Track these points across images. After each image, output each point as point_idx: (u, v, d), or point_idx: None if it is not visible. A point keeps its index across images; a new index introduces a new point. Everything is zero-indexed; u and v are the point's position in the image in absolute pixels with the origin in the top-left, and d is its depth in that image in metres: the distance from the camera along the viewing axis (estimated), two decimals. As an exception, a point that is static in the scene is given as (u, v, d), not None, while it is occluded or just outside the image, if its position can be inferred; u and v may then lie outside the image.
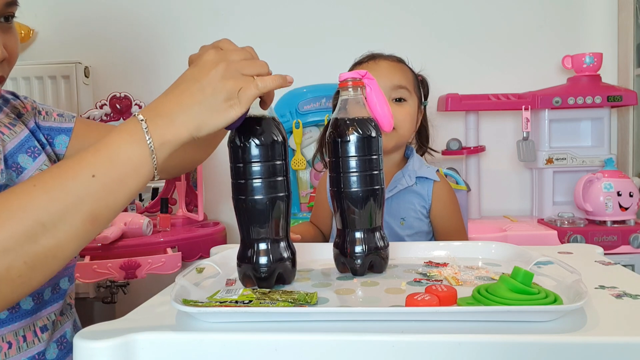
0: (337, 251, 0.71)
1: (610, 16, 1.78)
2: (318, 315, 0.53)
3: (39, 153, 0.80)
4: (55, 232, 0.50)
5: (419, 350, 0.47)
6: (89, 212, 0.52)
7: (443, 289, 0.56)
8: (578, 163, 1.67)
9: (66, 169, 0.52)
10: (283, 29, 1.82)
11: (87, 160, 0.52)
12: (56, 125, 0.85)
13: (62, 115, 0.87)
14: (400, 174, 1.06)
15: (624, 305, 0.55)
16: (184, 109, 0.56)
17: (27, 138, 0.80)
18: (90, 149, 0.54)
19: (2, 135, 0.77)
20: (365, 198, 0.68)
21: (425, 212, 1.06)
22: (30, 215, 0.49)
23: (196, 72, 0.57)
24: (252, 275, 0.64)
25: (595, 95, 1.60)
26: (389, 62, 1.07)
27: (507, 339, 0.47)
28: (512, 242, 0.82)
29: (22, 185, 0.51)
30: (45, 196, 0.50)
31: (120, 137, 0.54)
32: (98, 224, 0.53)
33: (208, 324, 0.53)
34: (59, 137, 0.85)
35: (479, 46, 1.81)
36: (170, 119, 0.55)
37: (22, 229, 0.49)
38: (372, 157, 0.69)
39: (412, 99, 1.06)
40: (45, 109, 0.86)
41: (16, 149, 0.78)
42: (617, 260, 0.75)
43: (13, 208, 0.49)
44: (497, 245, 0.79)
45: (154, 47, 1.85)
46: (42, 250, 0.50)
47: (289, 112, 1.67)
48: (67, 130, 0.85)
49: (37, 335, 0.71)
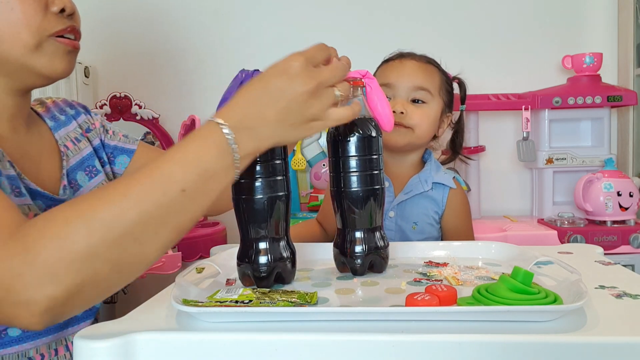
0: (337, 251, 0.71)
1: (610, 16, 1.78)
2: (318, 315, 0.53)
3: (97, 173, 0.82)
4: (143, 242, 0.51)
5: (419, 350, 0.47)
6: (175, 224, 0.53)
7: (443, 288, 0.56)
8: (578, 163, 1.67)
9: (156, 181, 0.51)
10: (283, 28, 1.82)
11: (177, 174, 0.52)
12: (120, 145, 0.88)
13: (127, 136, 0.90)
14: (417, 178, 1.06)
15: (624, 305, 0.55)
16: (267, 124, 0.55)
17: (89, 156, 0.82)
18: (176, 159, 0.53)
19: (67, 150, 0.80)
20: (365, 198, 0.68)
21: (437, 217, 1.06)
22: (120, 226, 0.49)
23: (284, 85, 0.55)
24: (251, 274, 0.64)
25: (595, 95, 1.60)
26: (415, 63, 1.06)
27: (507, 338, 0.47)
28: (512, 242, 0.82)
29: (112, 192, 0.51)
30: (137, 209, 0.50)
31: (207, 150, 0.53)
32: (182, 233, 0.54)
33: (208, 324, 0.53)
34: (120, 156, 0.87)
35: (478, 46, 1.81)
36: (255, 132, 0.55)
37: (112, 237, 0.49)
38: (372, 157, 0.69)
39: (434, 101, 1.05)
40: (112, 129, 0.89)
41: (76, 166, 0.80)
42: (617, 260, 0.75)
43: (103, 217, 0.49)
44: (497, 245, 0.79)
45: (154, 47, 1.85)
46: (129, 258, 0.51)
47: (289, 112, 1.67)
48: (130, 151, 0.88)
49: (68, 350, 0.72)
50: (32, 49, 0.66)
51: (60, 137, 0.80)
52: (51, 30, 0.67)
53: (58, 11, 0.68)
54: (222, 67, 1.82)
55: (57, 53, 0.68)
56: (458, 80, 1.13)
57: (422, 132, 1.04)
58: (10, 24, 0.64)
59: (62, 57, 0.69)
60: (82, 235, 0.48)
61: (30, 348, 0.67)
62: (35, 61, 0.67)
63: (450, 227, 1.07)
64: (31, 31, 0.65)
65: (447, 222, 1.07)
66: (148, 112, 1.72)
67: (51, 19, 0.67)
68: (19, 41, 0.65)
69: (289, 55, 0.57)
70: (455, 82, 1.13)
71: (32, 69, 0.68)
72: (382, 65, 1.11)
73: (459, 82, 1.14)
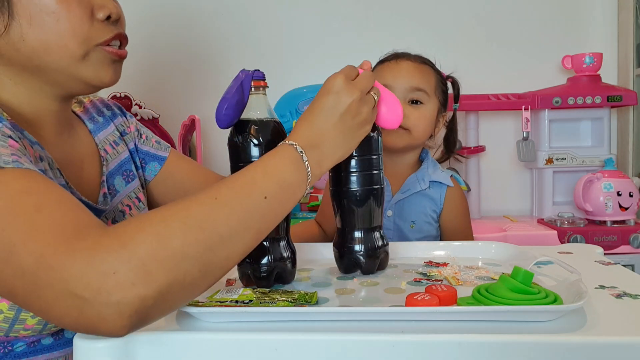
0: (337, 250, 0.71)
1: (610, 16, 1.78)
2: (318, 315, 0.53)
3: (133, 178, 0.82)
4: (229, 244, 0.52)
5: (419, 350, 0.47)
6: (257, 229, 0.55)
7: (443, 288, 0.56)
8: (578, 163, 1.67)
9: (241, 186, 0.55)
10: (283, 28, 1.82)
11: (260, 182, 0.56)
12: (153, 152, 0.87)
13: (160, 143, 0.90)
14: (414, 177, 1.06)
15: (623, 305, 0.55)
16: (330, 140, 0.62)
17: (126, 160, 0.82)
18: (258, 170, 0.57)
19: (106, 154, 0.79)
20: (364, 197, 0.68)
21: (435, 216, 1.07)
22: (212, 227, 0.51)
23: (335, 102, 0.63)
24: (251, 274, 0.64)
25: (595, 95, 1.60)
26: (411, 63, 1.06)
27: (507, 338, 0.47)
28: (512, 242, 0.82)
29: (204, 195, 0.53)
30: (226, 210, 0.52)
31: (284, 163, 0.59)
32: (259, 240, 0.56)
33: (208, 324, 0.53)
34: (151, 163, 0.87)
35: (478, 46, 1.80)
36: (321, 150, 0.62)
37: (203, 238, 0.50)
38: (371, 157, 0.69)
39: (430, 102, 1.05)
40: (145, 134, 0.89)
41: (115, 170, 0.80)
42: (617, 260, 0.75)
43: (197, 217, 0.51)
44: (497, 245, 0.79)
45: (154, 47, 1.85)
46: (216, 260, 0.51)
47: (289, 112, 1.67)
48: (162, 159, 0.88)
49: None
50: (79, 59, 0.65)
51: (100, 140, 0.79)
52: (98, 39, 0.66)
53: (104, 18, 0.66)
54: (222, 67, 1.82)
55: (104, 62, 0.67)
56: (452, 80, 1.14)
57: (420, 133, 1.05)
58: (58, 35, 0.63)
59: (108, 67, 0.68)
60: (178, 234, 0.49)
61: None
62: (82, 71, 0.66)
63: (448, 226, 1.07)
64: (78, 41, 0.64)
65: (446, 221, 1.07)
66: (148, 112, 1.72)
67: (98, 28, 0.66)
68: (66, 51, 0.64)
69: (329, 77, 0.65)
70: (448, 81, 1.13)
71: (79, 79, 0.66)
72: (378, 66, 1.11)
73: (453, 81, 1.14)
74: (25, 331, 0.62)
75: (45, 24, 0.62)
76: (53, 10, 0.62)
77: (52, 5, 0.62)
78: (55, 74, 0.65)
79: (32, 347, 0.64)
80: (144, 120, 1.73)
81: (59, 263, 0.46)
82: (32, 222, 0.48)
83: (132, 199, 0.81)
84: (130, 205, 0.80)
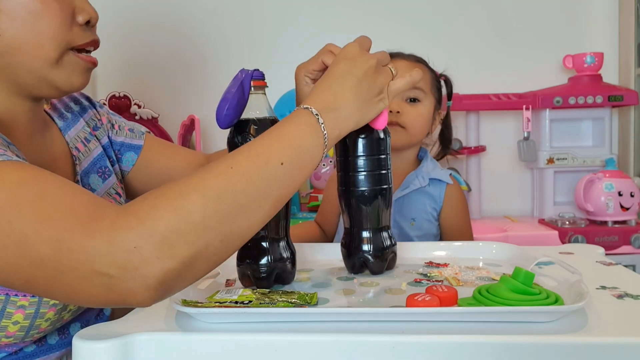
0: (345, 250, 0.71)
1: (611, 16, 1.78)
2: (318, 316, 0.53)
3: (109, 174, 0.79)
4: (249, 214, 0.52)
5: (419, 350, 0.47)
6: (276, 197, 0.54)
7: (444, 289, 0.56)
8: (579, 163, 1.67)
9: (257, 154, 0.54)
10: (283, 28, 1.82)
11: (276, 148, 0.55)
12: (127, 142, 0.84)
13: (133, 130, 0.86)
14: (414, 175, 1.07)
15: (625, 305, 0.55)
16: (346, 103, 0.60)
17: (100, 157, 0.79)
18: (272, 136, 0.56)
19: (78, 153, 0.76)
20: (373, 197, 0.68)
21: (435, 214, 1.07)
22: (231, 197, 0.50)
23: (351, 67, 0.61)
24: (250, 275, 0.64)
25: (596, 95, 1.60)
26: (406, 62, 1.07)
27: (508, 339, 0.47)
28: (512, 243, 0.82)
29: (219, 166, 0.52)
30: (244, 179, 0.52)
31: (299, 128, 0.57)
32: (279, 208, 0.56)
33: (208, 325, 0.53)
34: (127, 153, 0.84)
35: (479, 46, 1.80)
36: (338, 113, 0.60)
37: (223, 209, 0.50)
38: (380, 157, 0.69)
39: (427, 100, 1.06)
40: (117, 123, 0.85)
41: (89, 169, 0.77)
42: (618, 260, 0.75)
43: (215, 188, 0.50)
44: (497, 246, 0.78)
45: (153, 46, 1.85)
46: (237, 230, 0.51)
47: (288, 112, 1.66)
48: (137, 147, 0.85)
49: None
50: (52, 62, 0.62)
51: (71, 139, 0.76)
52: (74, 43, 0.64)
53: (84, 22, 0.64)
54: (222, 67, 1.82)
55: (76, 69, 0.65)
56: (444, 78, 1.14)
57: (418, 131, 1.06)
58: (36, 35, 0.61)
59: (80, 73, 0.66)
60: (197, 206, 0.49)
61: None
62: (53, 75, 0.63)
63: (448, 224, 1.07)
64: (55, 44, 0.62)
65: (446, 219, 1.07)
66: (147, 112, 1.72)
67: (76, 32, 0.64)
68: (41, 52, 0.61)
69: (344, 46, 0.65)
70: (442, 79, 1.13)
71: (49, 82, 0.64)
72: None
73: (445, 79, 1.14)
74: (7, 339, 0.61)
75: (26, 21, 0.60)
76: (35, 9, 0.60)
77: (34, 4, 0.60)
78: (25, 74, 0.63)
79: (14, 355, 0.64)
80: (143, 120, 1.73)
81: (81, 245, 0.47)
82: (40, 211, 0.48)
83: (111, 195, 0.78)
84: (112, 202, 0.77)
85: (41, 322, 0.62)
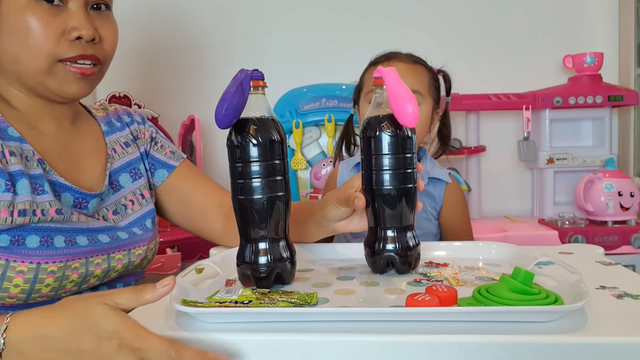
0: (368, 250, 0.71)
1: (611, 16, 1.78)
2: (318, 316, 0.53)
3: (140, 176, 0.87)
4: None
5: (419, 350, 0.47)
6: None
7: (443, 289, 0.56)
8: (579, 163, 1.67)
9: None
10: (283, 28, 1.82)
11: None
12: (164, 160, 0.91)
13: (174, 153, 0.94)
14: None
15: (624, 305, 0.55)
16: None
17: (135, 160, 0.87)
18: None
19: (114, 153, 0.85)
20: (398, 196, 0.68)
21: (435, 213, 1.06)
22: None
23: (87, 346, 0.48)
24: (250, 275, 0.64)
25: (596, 95, 1.60)
26: (404, 64, 1.06)
27: (508, 339, 0.47)
28: (512, 243, 0.82)
29: None
30: None
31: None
32: None
33: (207, 325, 0.53)
34: (160, 170, 0.91)
35: (479, 46, 1.80)
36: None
37: None
38: (406, 155, 0.68)
39: (425, 101, 1.06)
40: (161, 142, 0.93)
41: (121, 168, 0.85)
42: (618, 260, 0.75)
43: None
44: (497, 246, 0.78)
45: (153, 46, 1.85)
46: None
47: (288, 112, 1.67)
48: (171, 167, 0.91)
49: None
50: (44, 72, 0.71)
51: (110, 141, 0.85)
52: (62, 56, 0.71)
53: (74, 39, 0.71)
54: (222, 67, 1.82)
55: (67, 78, 0.72)
56: (443, 74, 1.13)
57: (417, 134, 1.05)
58: (26, 49, 0.70)
59: (72, 82, 0.73)
60: None
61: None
62: (48, 83, 0.72)
63: (448, 223, 1.07)
64: (43, 56, 0.70)
65: (445, 218, 1.07)
66: (147, 112, 1.72)
67: (63, 46, 0.71)
68: (33, 64, 0.71)
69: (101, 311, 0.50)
70: (440, 75, 1.13)
71: (47, 89, 0.73)
72: (370, 68, 1.10)
73: (444, 75, 1.14)
74: (10, 299, 0.67)
75: (19, 38, 0.70)
76: (24, 27, 0.69)
77: (24, 23, 0.69)
78: (30, 80, 0.73)
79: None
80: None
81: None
82: None
83: (136, 195, 0.85)
84: (134, 201, 0.84)
85: (41, 287, 0.68)
